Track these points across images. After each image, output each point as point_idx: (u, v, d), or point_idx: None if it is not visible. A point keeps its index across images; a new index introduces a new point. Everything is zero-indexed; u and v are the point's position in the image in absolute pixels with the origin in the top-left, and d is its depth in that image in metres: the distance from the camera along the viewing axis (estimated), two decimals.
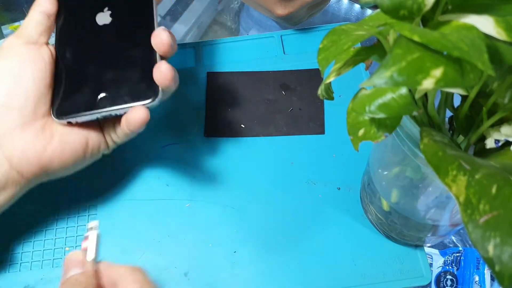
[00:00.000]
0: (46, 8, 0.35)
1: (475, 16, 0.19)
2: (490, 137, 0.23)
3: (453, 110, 0.26)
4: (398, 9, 0.19)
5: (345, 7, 0.59)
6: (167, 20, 0.57)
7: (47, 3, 0.35)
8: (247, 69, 0.48)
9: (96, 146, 0.35)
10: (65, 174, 0.35)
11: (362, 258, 0.37)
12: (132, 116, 0.32)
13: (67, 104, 0.33)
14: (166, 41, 0.33)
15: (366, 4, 0.24)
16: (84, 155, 0.34)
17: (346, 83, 0.38)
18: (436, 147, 0.20)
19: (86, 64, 0.35)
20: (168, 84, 0.32)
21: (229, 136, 0.44)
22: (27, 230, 0.40)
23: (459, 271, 0.39)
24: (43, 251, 0.39)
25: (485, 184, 0.18)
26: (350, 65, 0.23)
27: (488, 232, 0.17)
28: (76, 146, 0.34)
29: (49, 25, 0.35)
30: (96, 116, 0.33)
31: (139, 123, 0.32)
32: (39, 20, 0.35)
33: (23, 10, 0.58)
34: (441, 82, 0.17)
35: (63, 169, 0.34)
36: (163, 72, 0.32)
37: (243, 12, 0.59)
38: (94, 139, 0.35)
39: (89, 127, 0.34)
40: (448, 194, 0.27)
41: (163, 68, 0.32)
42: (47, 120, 0.34)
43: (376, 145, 0.32)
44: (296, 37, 0.51)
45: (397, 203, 0.32)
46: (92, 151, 0.35)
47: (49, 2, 0.36)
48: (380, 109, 0.20)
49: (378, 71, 0.17)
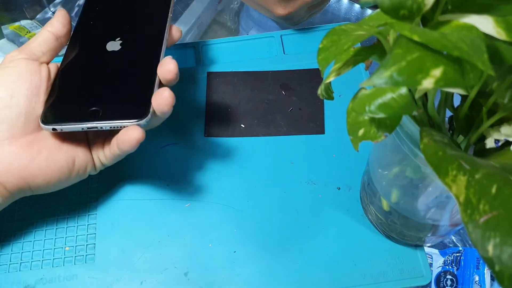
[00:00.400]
0: (56, 29, 0.36)
1: (475, 16, 0.20)
2: (490, 137, 0.23)
3: (453, 110, 0.26)
4: (398, 9, 0.19)
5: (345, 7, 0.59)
6: None
7: (58, 24, 0.36)
8: (247, 69, 0.48)
9: (83, 165, 0.35)
10: (49, 190, 0.36)
11: (362, 258, 0.37)
12: (127, 135, 0.32)
13: (56, 111, 0.34)
14: (174, 70, 0.34)
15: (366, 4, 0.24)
16: (69, 174, 0.35)
17: (346, 83, 0.38)
18: (436, 147, 0.20)
19: (84, 80, 0.36)
20: (167, 110, 0.33)
21: (229, 136, 0.44)
22: (27, 230, 0.40)
23: (459, 271, 0.39)
24: (43, 250, 0.39)
25: (485, 184, 0.18)
26: (350, 65, 0.23)
27: (488, 232, 0.17)
28: (62, 163, 0.34)
29: (55, 46, 0.36)
30: (81, 127, 0.33)
31: (133, 143, 0.32)
32: (46, 39, 0.36)
33: (23, 10, 0.58)
34: (441, 82, 0.17)
35: (47, 186, 0.34)
36: (165, 97, 0.33)
37: (243, 12, 0.59)
38: (82, 158, 0.35)
39: (77, 145, 0.35)
40: (448, 194, 0.27)
41: (166, 94, 0.33)
42: (36, 136, 0.34)
43: (376, 145, 0.32)
44: (296, 37, 0.51)
45: (397, 203, 0.32)
46: (78, 170, 0.35)
47: (60, 24, 0.37)
48: (380, 109, 0.20)
49: (378, 71, 0.17)
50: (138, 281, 0.37)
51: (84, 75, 0.36)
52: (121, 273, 0.37)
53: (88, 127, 0.33)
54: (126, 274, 0.37)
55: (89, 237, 0.39)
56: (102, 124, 0.33)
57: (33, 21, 0.58)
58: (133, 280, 0.37)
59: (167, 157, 0.43)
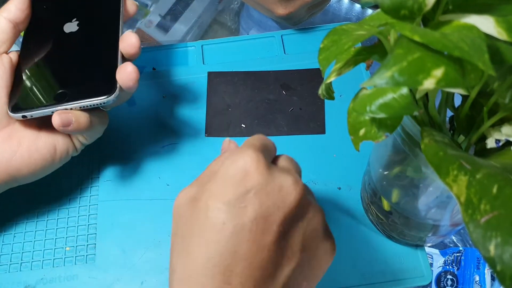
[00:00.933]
0: (14, 15, 0.35)
1: (476, 16, 0.19)
2: (490, 137, 0.23)
3: (453, 110, 0.26)
4: (399, 9, 0.19)
5: (345, 6, 0.59)
6: (167, 20, 0.57)
7: (16, 10, 0.35)
8: (248, 69, 0.48)
9: (64, 150, 0.35)
10: (35, 179, 0.36)
11: (362, 258, 0.37)
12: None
13: (23, 98, 0.34)
14: (136, 43, 0.34)
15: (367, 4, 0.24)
16: (52, 160, 0.35)
17: (347, 83, 0.38)
18: (436, 147, 0.20)
19: (47, 64, 0.36)
20: (132, 85, 0.33)
21: (230, 136, 0.44)
22: (27, 230, 0.40)
23: (460, 271, 0.39)
24: (44, 250, 0.39)
25: (486, 184, 0.18)
26: (351, 65, 0.23)
27: (489, 232, 0.17)
28: (44, 152, 0.34)
29: (13, 34, 0.35)
30: (50, 111, 0.33)
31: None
32: (4, 29, 0.35)
33: None
34: (442, 82, 0.17)
35: (33, 175, 0.35)
36: (128, 72, 0.33)
37: (243, 12, 0.59)
38: (62, 144, 0.35)
39: (55, 131, 0.35)
40: (449, 194, 0.27)
41: (129, 69, 0.33)
42: (13, 128, 0.34)
43: (377, 145, 0.32)
44: (296, 37, 0.51)
45: (398, 203, 0.32)
46: (60, 155, 0.35)
47: (19, 9, 0.35)
48: (381, 109, 0.20)
49: (379, 71, 0.17)
50: (139, 281, 0.37)
51: (46, 59, 0.36)
52: (121, 273, 0.37)
53: (58, 110, 0.33)
54: (127, 274, 0.37)
55: (89, 237, 0.39)
56: (71, 105, 0.33)
57: None
58: (133, 280, 0.37)
59: (167, 157, 0.43)
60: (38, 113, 0.33)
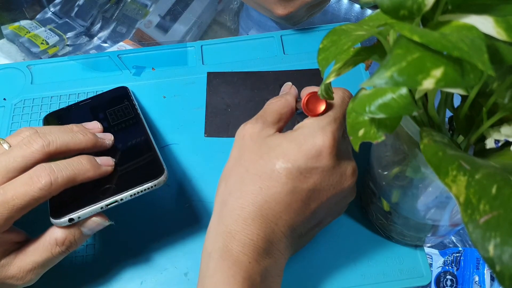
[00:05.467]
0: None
1: (475, 16, 0.19)
2: (490, 137, 0.23)
3: (453, 110, 0.26)
4: (398, 9, 0.19)
5: (345, 7, 0.59)
6: (166, 20, 0.57)
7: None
8: (247, 69, 0.48)
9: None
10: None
11: (362, 258, 0.37)
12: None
13: (66, 204, 0.32)
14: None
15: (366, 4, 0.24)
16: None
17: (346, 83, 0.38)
18: (436, 147, 0.20)
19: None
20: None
21: (229, 136, 0.44)
22: (27, 230, 0.40)
23: (459, 271, 0.39)
24: None
25: (485, 184, 0.18)
26: (350, 65, 0.23)
27: (489, 232, 0.17)
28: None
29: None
30: (100, 207, 0.32)
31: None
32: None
33: (23, 10, 0.58)
34: (441, 82, 0.17)
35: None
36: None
37: (242, 12, 0.59)
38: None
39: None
40: (448, 194, 0.27)
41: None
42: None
43: (376, 145, 0.32)
44: (296, 37, 0.51)
45: (397, 203, 0.32)
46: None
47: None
48: (380, 109, 0.20)
49: (378, 71, 0.17)
50: (138, 281, 0.37)
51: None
52: (121, 273, 0.37)
53: (107, 204, 0.32)
54: (126, 274, 0.37)
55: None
56: (121, 196, 0.32)
57: (32, 21, 0.58)
58: (133, 280, 0.37)
59: (167, 157, 0.43)
60: (87, 213, 0.32)
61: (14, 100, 0.47)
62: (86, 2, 0.59)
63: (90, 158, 0.32)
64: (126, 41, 0.56)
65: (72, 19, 0.58)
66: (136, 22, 0.58)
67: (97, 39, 0.57)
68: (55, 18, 0.59)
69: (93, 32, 0.58)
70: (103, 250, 0.39)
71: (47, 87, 0.48)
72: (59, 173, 0.30)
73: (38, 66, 0.50)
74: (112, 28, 0.58)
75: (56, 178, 0.30)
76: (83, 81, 0.48)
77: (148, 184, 0.33)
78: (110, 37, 0.57)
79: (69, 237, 0.31)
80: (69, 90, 0.48)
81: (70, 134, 0.33)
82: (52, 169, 0.30)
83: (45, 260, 0.31)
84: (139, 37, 0.56)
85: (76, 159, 0.32)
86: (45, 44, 0.55)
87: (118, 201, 0.32)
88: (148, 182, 0.33)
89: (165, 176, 0.34)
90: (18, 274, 0.31)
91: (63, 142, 0.32)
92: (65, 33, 0.56)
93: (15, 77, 0.49)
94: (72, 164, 0.31)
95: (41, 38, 0.55)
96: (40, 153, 0.31)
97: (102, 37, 0.57)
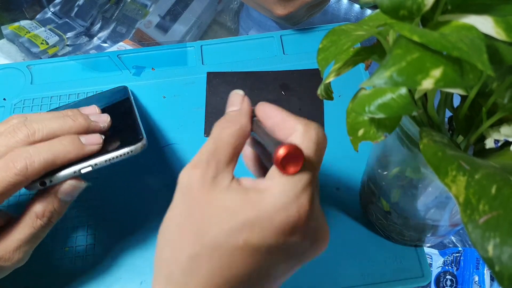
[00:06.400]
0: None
1: (475, 16, 0.19)
2: (489, 137, 0.23)
3: (452, 110, 0.26)
4: (398, 9, 0.19)
5: (344, 7, 0.59)
6: (166, 20, 0.57)
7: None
8: (247, 69, 0.48)
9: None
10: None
11: (362, 258, 0.37)
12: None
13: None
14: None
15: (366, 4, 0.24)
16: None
17: (346, 83, 0.38)
18: (435, 147, 0.20)
19: None
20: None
21: None
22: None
23: (459, 271, 0.39)
24: (43, 251, 0.39)
25: (485, 184, 0.18)
26: (350, 65, 0.23)
27: (488, 232, 0.17)
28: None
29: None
30: (73, 171, 0.31)
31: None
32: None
33: (22, 10, 0.58)
34: (440, 82, 0.17)
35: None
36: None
37: (242, 12, 0.59)
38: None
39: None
40: (448, 194, 0.27)
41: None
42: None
43: (376, 145, 0.32)
44: (295, 37, 0.51)
45: (397, 203, 0.32)
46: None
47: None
48: (380, 109, 0.20)
49: (378, 71, 0.17)
50: (138, 281, 0.37)
51: None
52: (120, 273, 0.37)
53: (81, 169, 0.31)
54: (126, 274, 0.37)
55: (88, 237, 0.39)
56: (95, 161, 0.32)
57: (32, 21, 0.58)
58: (133, 280, 0.37)
59: (167, 157, 0.43)
60: (59, 177, 0.31)
61: (14, 100, 0.47)
62: (86, 2, 0.59)
63: (73, 139, 0.31)
64: (126, 41, 0.56)
65: (72, 19, 0.58)
66: (136, 22, 0.58)
67: (97, 39, 0.57)
68: (55, 18, 0.58)
69: (93, 32, 0.58)
70: (103, 251, 0.38)
71: (47, 87, 0.48)
72: (35, 157, 0.29)
73: (38, 66, 0.50)
74: (112, 28, 0.58)
75: (32, 162, 0.29)
76: (83, 81, 0.48)
77: (124, 149, 0.32)
78: (110, 37, 0.57)
79: (48, 207, 0.30)
80: (69, 90, 0.48)
81: (60, 120, 0.32)
82: (28, 154, 0.29)
83: (29, 236, 0.30)
84: (139, 37, 0.56)
85: (57, 141, 0.30)
86: (45, 44, 0.55)
87: (92, 166, 0.31)
88: (124, 148, 0.32)
89: (143, 144, 0.33)
90: (5, 255, 0.30)
91: (50, 130, 0.31)
92: (65, 33, 0.56)
93: (15, 77, 0.49)
94: (52, 146, 0.30)
95: (41, 38, 0.55)
96: (24, 143, 0.30)
97: (102, 37, 0.57)
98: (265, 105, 0.27)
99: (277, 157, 0.22)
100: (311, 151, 0.24)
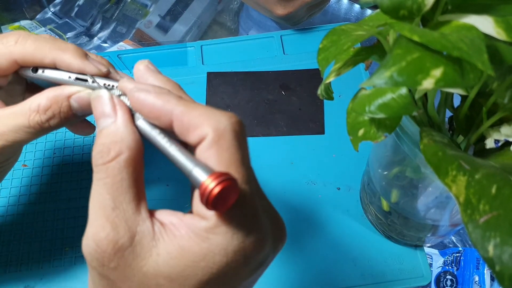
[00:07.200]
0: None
1: (475, 16, 0.19)
2: (490, 137, 0.23)
3: (453, 110, 0.26)
4: (398, 9, 0.19)
5: (345, 7, 0.59)
6: (166, 20, 0.57)
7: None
8: (247, 69, 0.48)
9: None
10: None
11: (361, 258, 0.37)
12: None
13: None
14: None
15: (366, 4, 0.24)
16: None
17: (346, 83, 0.38)
18: (436, 147, 0.20)
19: None
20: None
21: None
22: (27, 231, 0.40)
23: (459, 271, 0.39)
24: (43, 251, 0.39)
25: (485, 184, 0.18)
26: (350, 65, 0.23)
27: (488, 232, 0.17)
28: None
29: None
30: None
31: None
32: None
33: (23, 10, 0.58)
34: (441, 82, 0.17)
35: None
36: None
37: (242, 12, 0.59)
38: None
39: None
40: (448, 194, 0.27)
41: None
42: None
43: (376, 145, 0.32)
44: (296, 37, 0.51)
45: (397, 203, 0.32)
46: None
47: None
48: (380, 109, 0.20)
49: (378, 71, 0.17)
50: None
51: None
52: None
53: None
54: None
55: None
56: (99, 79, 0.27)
57: (32, 21, 0.58)
58: None
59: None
60: (53, 73, 0.26)
61: None
62: (86, 2, 0.59)
63: (78, 49, 0.27)
64: (126, 41, 0.56)
65: (72, 19, 0.58)
66: (136, 22, 0.58)
67: (97, 39, 0.57)
68: (55, 18, 0.59)
69: (93, 32, 0.58)
70: None
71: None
72: (31, 38, 0.26)
73: None
74: (112, 28, 0.58)
75: (25, 41, 0.25)
76: None
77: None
78: (110, 37, 0.57)
79: (54, 106, 0.25)
80: None
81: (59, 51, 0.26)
82: (26, 34, 0.26)
83: (17, 126, 0.25)
84: (139, 37, 0.56)
85: (61, 41, 0.27)
86: None
87: (89, 78, 0.26)
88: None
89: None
90: None
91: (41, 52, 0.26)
92: (65, 33, 0.56)
93: None
94: (55, 41, 0.26)
95: None
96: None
97: (102, 37, 0.57)
98: (141, 90, 0.21)
99: (206, 200, 0.18)
100: (234, 161, 0.19)
